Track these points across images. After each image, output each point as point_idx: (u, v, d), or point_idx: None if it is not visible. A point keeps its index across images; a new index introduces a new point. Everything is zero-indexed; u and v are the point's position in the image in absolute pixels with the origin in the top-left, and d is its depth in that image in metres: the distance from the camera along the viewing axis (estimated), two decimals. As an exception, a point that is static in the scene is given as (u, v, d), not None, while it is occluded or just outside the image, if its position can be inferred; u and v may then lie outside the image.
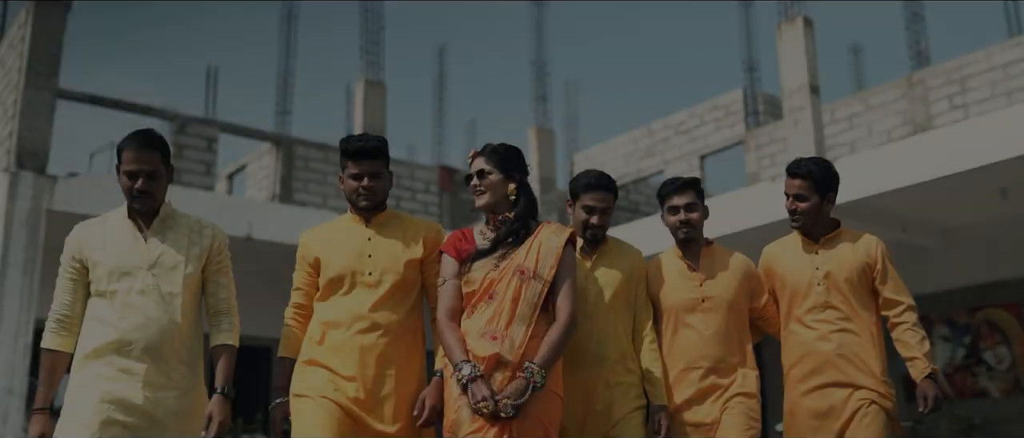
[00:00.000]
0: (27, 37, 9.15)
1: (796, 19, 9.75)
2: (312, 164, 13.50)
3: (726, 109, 13.78)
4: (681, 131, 14.35)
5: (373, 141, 3.31)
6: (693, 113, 14.21)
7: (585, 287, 3.48)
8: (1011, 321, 10.17)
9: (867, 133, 11.73)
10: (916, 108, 11.18)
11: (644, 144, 14.77)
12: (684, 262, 3.66)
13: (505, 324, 3.06)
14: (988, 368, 10.26)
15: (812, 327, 3.57)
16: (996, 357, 10.19)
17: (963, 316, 10.51)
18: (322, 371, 3.16)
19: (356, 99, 11.51)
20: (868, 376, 3.49)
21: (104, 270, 3.07)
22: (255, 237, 9.61)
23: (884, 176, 8.49)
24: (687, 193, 3.66)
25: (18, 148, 8.86)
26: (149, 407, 2.99)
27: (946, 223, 10.13)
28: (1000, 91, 10.45)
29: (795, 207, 3.64)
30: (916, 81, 11.29)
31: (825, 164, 3.68)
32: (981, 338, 10.38)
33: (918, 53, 12.01)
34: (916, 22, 11.91)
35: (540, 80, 14.28)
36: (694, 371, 3.53)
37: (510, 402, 2.93)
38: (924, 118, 11.08)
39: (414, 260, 3.29)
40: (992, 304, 10.33)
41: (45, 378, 3.09)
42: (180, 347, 3.09)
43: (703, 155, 14.05)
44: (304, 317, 3.32)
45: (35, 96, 9.03)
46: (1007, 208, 9.45)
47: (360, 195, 3.28)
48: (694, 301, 3.59)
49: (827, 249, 3.63)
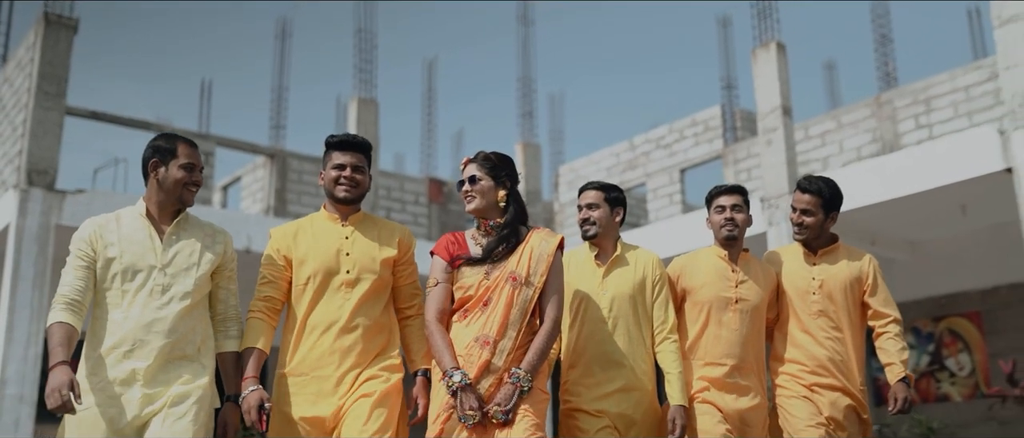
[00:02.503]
0: (36, 59, 9.49)
1: (770, 44, 10.23)
2: (305, 177, 13.90)
3: (705, 125, 14.24)
4: (662, 145, 14.80)
5: (359, 137, 3.36)
6: (673, 128, 14.64)
7: (599, 296, 3.59)
8: (972, 330, 10.70)
9: (839, 150, 12.24)
10: (884, 127, 11.71)
11: (626, 157, 15.22)
12: (725, 262, 3.81)
13: (498, 330, 3.13)
14: (951, 374, 10.80)
15: (808, 332, 3.79)
16: (958, 364, 10.72)
17: (927, 325, 11.04)
18: (303, 392, 3.14)
19: (350, 116, 11.91)
20: (851, 383, 3.75)
21: (118, 267, 3.04)
22: (253, 250, 9.98)
23: (855, 193, 8.97)
24: (734, 195, 3.85)
25: (28, 166, 9.19)
26: (156, 405, 2.94)
27: (911, 237, 10.66)
28: (962, 112, 10.97)
29: (801, 221, 3.85)
30: (884, 101, 11.81)
31: (834, 184, 3.88)
32: (944, 346, 10.91)
33: (887, 74, 12.52)
34: (884, 44, 12.43)
35: (527, 96, 14.73)
36: (719, 367, 3.67)
37: (500, 409, 3.02)
38: (892, 136, 11.61)
39: (389, 259, 3.29)
40: (954, 313, 10.87)
41: (59, 342, 2.89)
42: (187, 346, 3.05)
43: (683, 169, 14.50)
44: (272, 312, 3.26)
45: (44, 116, 9.37)
46: (967, 224, 9.99)
47: (341, 184, 3.28)
48: (729, 300, 3.73)
49: (825, 261, 3.86)
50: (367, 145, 3.38)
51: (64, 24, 9.65)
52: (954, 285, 10.83)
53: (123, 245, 3.06)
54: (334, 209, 3.36)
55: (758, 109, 10.26)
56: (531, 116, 14.51)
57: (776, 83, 10.03)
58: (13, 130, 9.84)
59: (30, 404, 8.77)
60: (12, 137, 9.83)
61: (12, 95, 10.20)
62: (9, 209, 9.16)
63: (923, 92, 11.39)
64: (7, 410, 8.64)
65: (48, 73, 9.48)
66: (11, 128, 9.96)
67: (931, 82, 11.31)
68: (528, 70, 14.98)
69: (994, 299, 10.48)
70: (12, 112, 10.05)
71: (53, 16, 9.58)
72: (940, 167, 8.55)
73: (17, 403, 8.70)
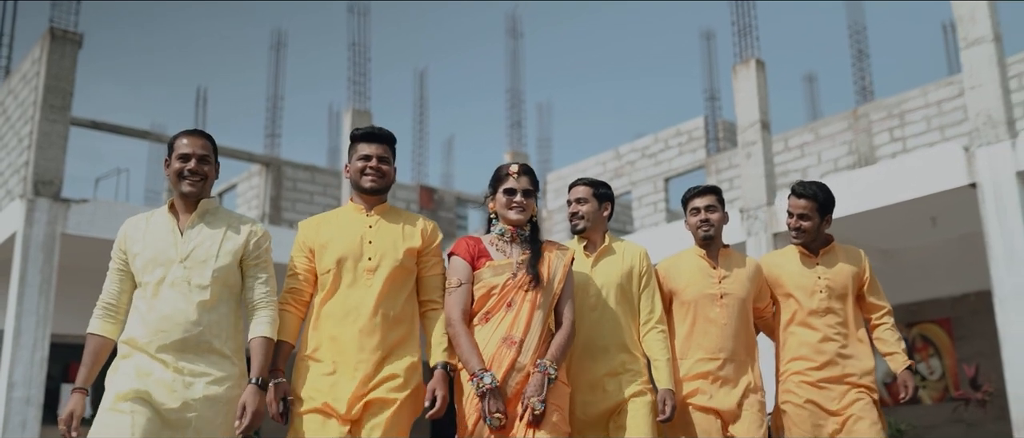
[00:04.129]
0: (41, 73, 9.76)
1: (750, 61, 10.64)
2: (300, 185, 14.22)
3: (689, 135, 14.62)
4: (647, 155, 15.19)
5: (384, 130, 3.41)
6: (658, 138, 15.02)
7: (587, 284, 3.69)
8: (942, 335, 11.15)
9: (817, 161, 12.66)
10: (861, 139, 12.14)
11: (613, 166, 15.60)
12: (705, 260, 3.95)
13: (523, 330, 3.27)
14: (922, 378, 11.24)
15: (816, 328, 3.92)
16: (929, 368, 11.17)
17: (900, 330, 11.44)
18: (322, 376, 3.16)
19: (344, 125, 12.26)
20: (862, 375, 3.88)
21: (142, 262, 3.11)
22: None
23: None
24: (707, 196, 4.00)
25: (34, 176, 9.47)
26: (177, 398, 2.97)
27: (884, 246, 11.08)
28: (935, 126, 11.40)
29: (799, 225, 4.01)
30: (861, 114, 12.23)
31: (826, 188, 4.04)
32: (916, 351, 11.35)
33: (863, 88, 12.95)
34: (861, 59, 12.86)
35: (515, 107, 15.11)
36: (712, 362, 3.78)
37: (537, 399, 3.17)
38: (867, 149, 12.04)
39: (412, 249, 3.33)
40: (926, 320, 11.31)
41: (88, 361, 3.10)
42: (212, 338, 3.06)
43: (668, 177, 14.88)
44: (299, 303, 3.31)
45: (50, 129, 9.65)
46: (937, 234, 10.43)
47: (367, 175, 3.34)
48: (713, 296, 3.86)
49: (825, 261, 4.01)
50: (392, 137, 3.44)
51: (69, 39, 9.92)
52: (925, 293, 11.27)
53: (147, 241, 3.14)
54: (360, 200, 3.40)
55: (738, 123, 10.66)
56: (520, 126, 14.90)
57: (755, 99, 10.44)
58: (19, 141, 10.12)
59: (36, 406, 9.08)
60: (18, 148, 10.11)
61: (17, 107, 10.48)
62: (16, 218, 9.45)
63: (897, 106, 11.81)
64: (15, 412, 8.95)
65: (54, 87, 9.75)
66: (16, 139, 10.24)
67: (905, 97, 11.73)
68: (517, 82, 15.38)
69: (963, 306, 10.93)
70: (18, 124, 10.33)
71: (58, 31, 9.86)
72: (910, 181, 8.97)
73: (24, 405, 9.01)
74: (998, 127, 8.23)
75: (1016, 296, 7.85)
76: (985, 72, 8.36)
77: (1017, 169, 8.01)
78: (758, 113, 10.37)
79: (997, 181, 8.14)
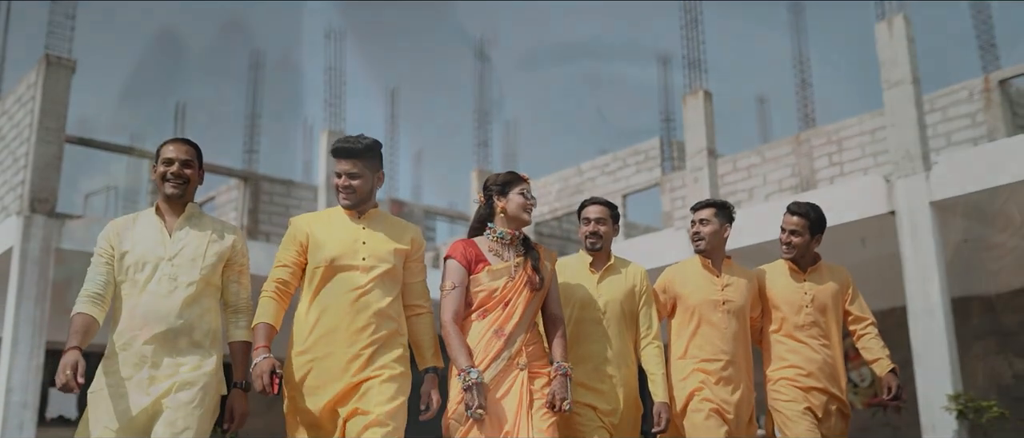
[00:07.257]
0: (37, 97, 10.34)
1: (698, 92, 11.51)
2: (276, 198, 14.86)
3: (645, 154, 15.42)
4: (606, 172, 15.98)
5: (355, 142, 3.41)
6: (617, 156, 15.80)
7: (594, 297, 3.89)
8: (873, 346, 12.08)
9: (763, 182, 13.57)
10: (803, 163, 13.08)
11: (574, 182, 16.39)
12: (709, 269, 4.13)
13: (514, 325, 3.45)
14: (854, 386, 12.20)
15: (802, 341, 4.13)
16: (860, 375, 12.13)
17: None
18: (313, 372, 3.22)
19: (321, 144, 12.95)
20: (838, 388, 4.14)
21: (130, 260, 3.20)
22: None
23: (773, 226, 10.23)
24: (700, 210, 4.21)
25: (31, 195, 10.07)
26: (154, 391, 3.06)
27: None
28: (869, 152, 12.34)
29: (790, 240, 4.21)
30: (803, 140, 13.16)
31: (818, 209, 4.27)
32: (848, 359, 12.31)
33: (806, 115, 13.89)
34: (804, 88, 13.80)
35: (482, 127, 15.86)
36: (715, 362, 3.97)
37: (567, 400, 3.41)
38: (809, 172, 12.97)
39: (402, 251, 3.42)
40: (858, 331, 12.24)
41: (75, 329, 3.06)
42: (192, 330, 3.17)
43: (625, 194, 15.71)
44: (284, 294, 3.35)
45: (45, 150, 10.25)
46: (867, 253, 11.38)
47: (340, 192, 3.43)
48: (716, 302, 4.04)
49: (812, 278, 4.22)
50: (364, 149, 3.41)
51: (64, 65, 10.53)
52: (858, 306, 12.16)
53: (135, 240, 3.24)
54: (345, 207, 3.48)
55: (687, 150, 11.53)
56: (486, 145, 15.66)
57: (703, 126, 11.31)
58: (15, 161, 10.71)
59: (33, 409, 9.68)
60: (14, 167, 10.71)
61: (12, 128, 11.06)
62: (13, 233, 10.03)
63: (836, 133, 12.74)
64: (12, 415, 9.56)
65: (49, 109, 10.32)
66: (12, 159, 10.84)
67: (842, 125, 12.66)
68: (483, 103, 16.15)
69: (890, 319, 11.86)
70: (13, 144, 10.92)
71: (53, 57, 10.48)
72: (843, 207, 9.82)
73: (21, 409, 9.62)
74: (915, 160, 9.17)
75: (927, 313, 8.80)
76: (905, 111, 9.29)
77: (930, 199, 8.94)
78: (705, 141, 11.24)
79: (912, 209, 9.07)
